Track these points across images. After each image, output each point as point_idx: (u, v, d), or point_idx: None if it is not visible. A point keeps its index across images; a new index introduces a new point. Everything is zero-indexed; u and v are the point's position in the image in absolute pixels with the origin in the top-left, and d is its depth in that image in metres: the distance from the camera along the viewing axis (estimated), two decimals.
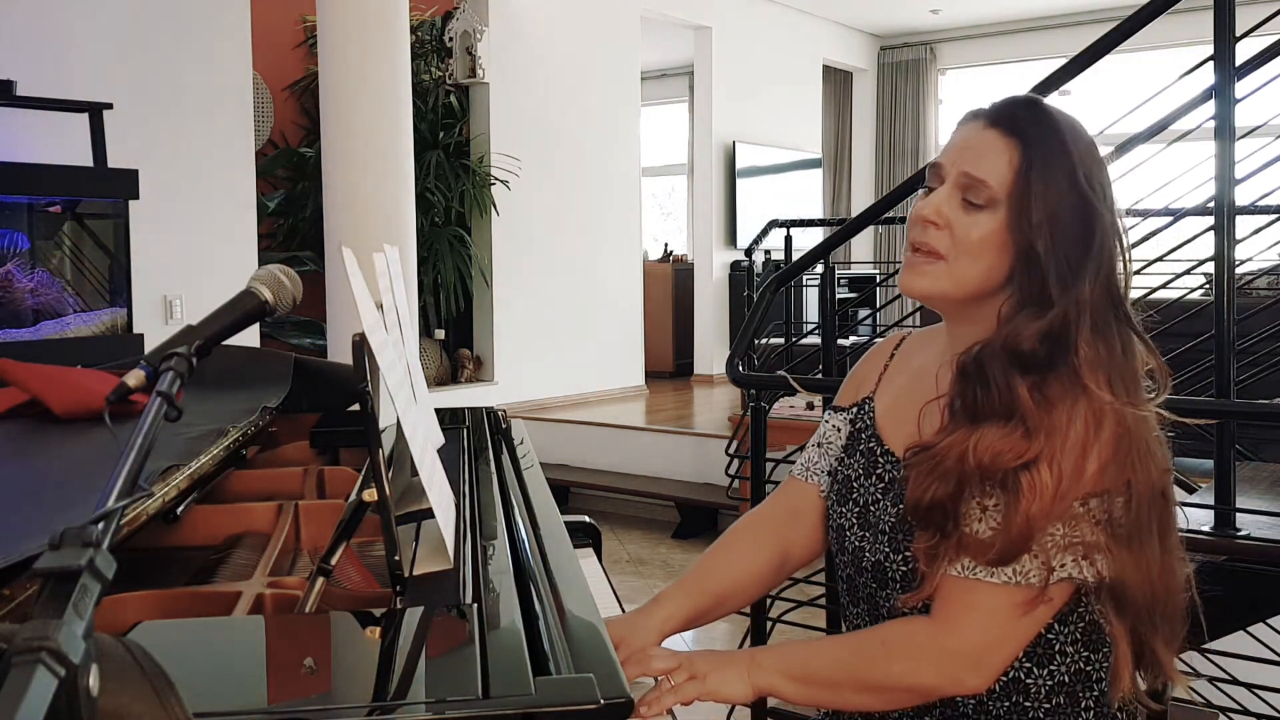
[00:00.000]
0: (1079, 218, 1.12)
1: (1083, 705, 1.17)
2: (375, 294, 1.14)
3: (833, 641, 1.25)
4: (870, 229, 9.41)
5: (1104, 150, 2.74)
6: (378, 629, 0.95)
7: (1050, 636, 1.16)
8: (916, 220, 1.17)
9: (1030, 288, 1.12)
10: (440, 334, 6.80)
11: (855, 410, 1.35)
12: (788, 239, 6.02)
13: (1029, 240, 1.11)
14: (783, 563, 1.38)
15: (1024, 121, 1.14)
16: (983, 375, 1.12)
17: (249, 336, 4.91)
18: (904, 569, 1.19)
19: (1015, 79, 9.23)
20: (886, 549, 1.21)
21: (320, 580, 1.02)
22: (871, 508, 1.25)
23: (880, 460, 1.27)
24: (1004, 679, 1.16)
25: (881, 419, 1.30)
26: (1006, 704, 1.16)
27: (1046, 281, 1.11)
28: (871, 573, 1.23)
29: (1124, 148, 2.55)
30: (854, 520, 1.27)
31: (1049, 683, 1.16)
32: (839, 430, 1.36)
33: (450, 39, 6.62)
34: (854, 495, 1.28)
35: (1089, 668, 1.17)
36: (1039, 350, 1.10)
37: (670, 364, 8.78)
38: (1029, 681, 1.16)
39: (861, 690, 1.15)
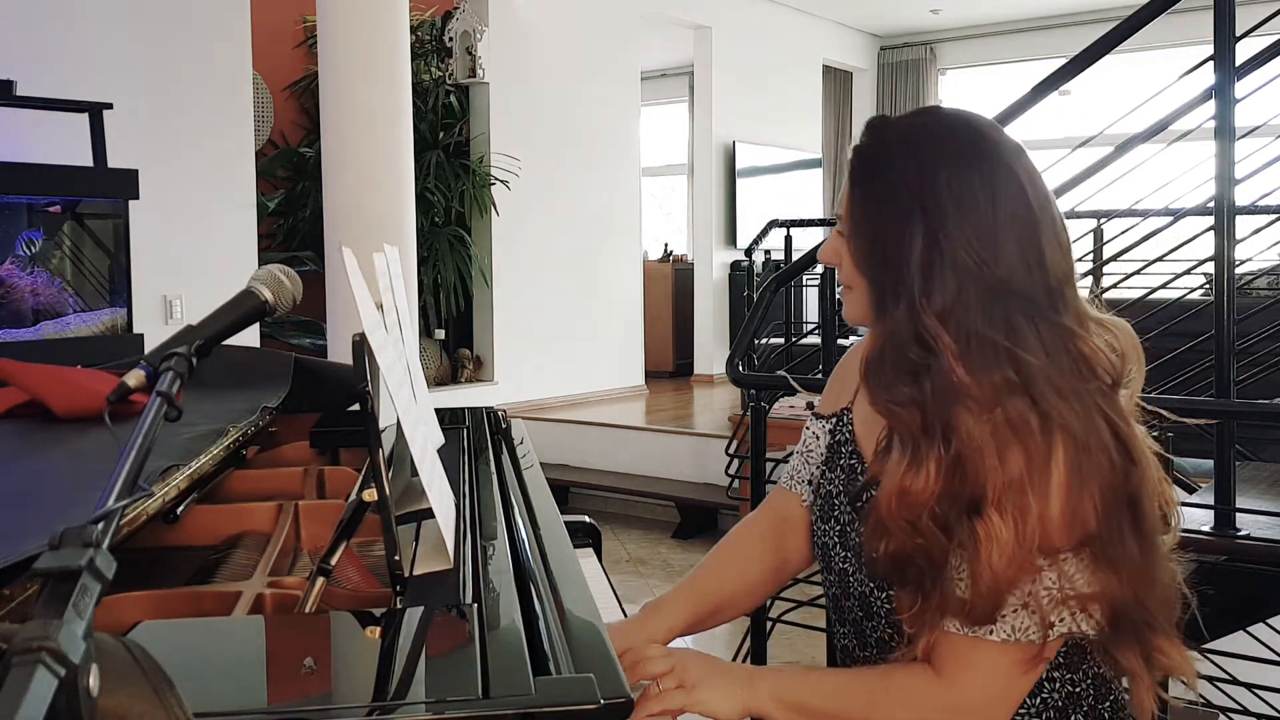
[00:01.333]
0: (899, 224, 1.08)
1: None
2: (375, 294, 1.14)
3: (835, 677, 1.19)
4: None
5: (1104, 150, 2.74)
6: (378, 629, 0.94)
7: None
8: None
9: (876, 310, 1.12)
10: (440, 334, 6.80)
11: (835, 421, 1.30)
12: (788, 239, 6.03)
13: (863, 260, 1.13)
14: (781, 569, 1.37)
15: (860, 144, 1.15)
16: (872, 395, 1.10)
17: (249, 336, 4.91)
18: (888, 606, 1.16)
19: (1015, 79, 9.23)
20: (870, 584, 1.18)
21: (320, 580, 1.02)
22: (849, 529, 1.22)
23: (859, 477, 1.22)
24: None
25: (860, 431, 1.25)
26: None
27: (883, 299, 1.11)
28: (857, 600, 1.20)
29: (1124, 148, 2.55)
30: (836, 540, 1.24)
31: (1035, 702, 1.14)
32: (818, 439, 1.33)
33: (450, 39, 6.62)
34: (835, 513, 1.24)
35: (1076, 689, 1.15)
36: (884, 374, 1.08)
37: (670, 364, 8.78)
38: (1020, 711, 1.13)
39: None
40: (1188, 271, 3.21)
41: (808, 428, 1.36)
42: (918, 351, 1.06)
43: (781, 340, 5.55)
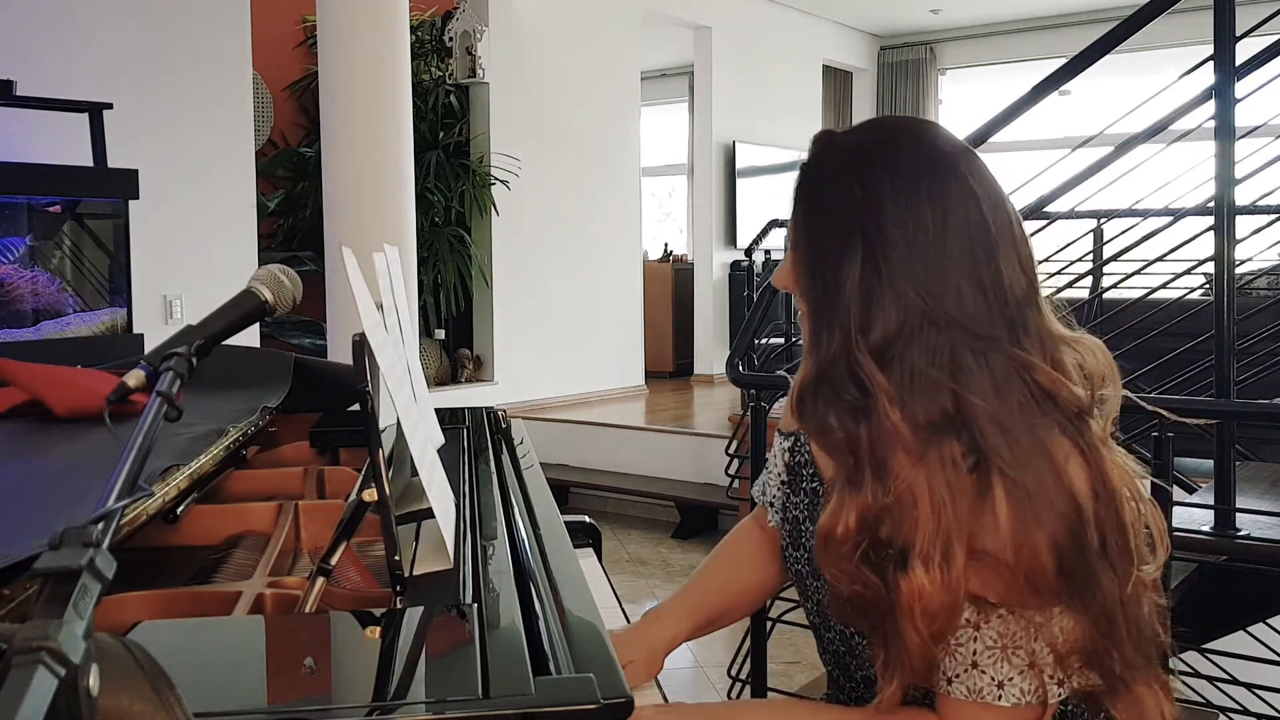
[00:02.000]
0: (836, 251, 1.01)
1: None
2: (375, 294, 1.14)
3: (835, 714, 1.14)
4: None
5: (1104, 150, 2.74)
6: (378, 629, 0.94)
7: None
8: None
9: (815, 341, 1.05)
10: (440, 334, 6.80)
11: (793, 440, 1.24)
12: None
13: (803, 285, 1.06)
14: (781, 573, 1.34)
15: (806, 162, 1.09)
16: (804, 422, 1.05)
17: (249, 336, 4.91)
18: (869, 650, 1.09)
19: (1015, 79, 9.22)
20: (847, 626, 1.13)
21: (320, 580, 1.02)
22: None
23: (822, 501, 1.13)
24: None
25: (819, 455, 1.17)
26: None
27: (817, 327, 1.04)
28: (837, 634, 1.16)
29: (1124, 148, 2.55)
30: (807, 568, 1.18)
31: None
32: (776, 457, 1.28)
33: (450, 39, 6.62)
34: (803, 539, 1.19)
35: (1065, 706, 1.09)
36: (810, 408, 1.02)
37: (670, 364, 8.78)
38: None
39: None
40: (1188, 271, 3.22)
41: (776, 443, 1.30)
42: (851, 389, 0.99)
43: (781, 340, 5.55)
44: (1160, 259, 3.04)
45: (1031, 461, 0.95)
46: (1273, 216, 3.14)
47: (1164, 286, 3.41)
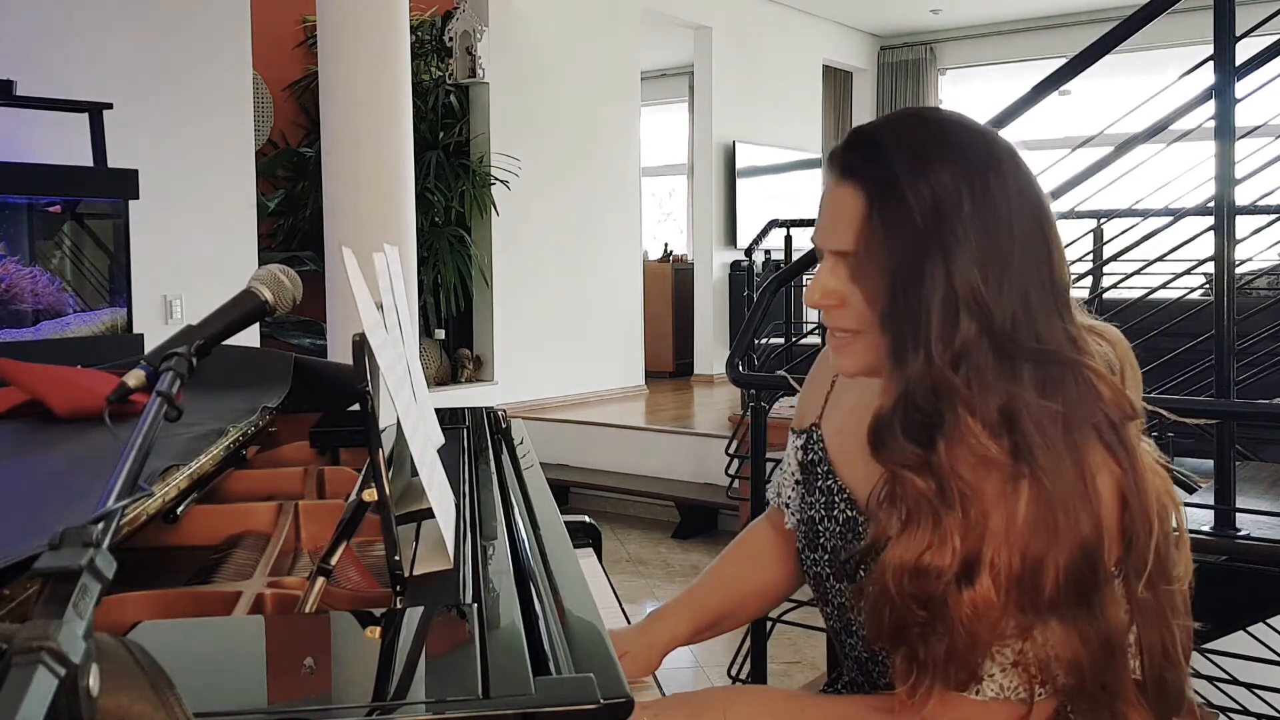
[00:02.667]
0: (917, 258, 0.96)
1: None
2: (375, 294, 1.14)
3: (818, 706, 1.12)
4: None
5: (1104, 150, 2.74)
6: (378, 629, 0.94)
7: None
8: (810, 306, 1.06)
9: (892, 352, 0.99)
10: (440, 334, 6.80)
11: (805, 438, 1.23)
12: (788, 239, 6.02)
13: (877, 302, 0.99)
14: (788, 579, 1.34)
15: (859, 161, 1.01)
16: (881, 457, 0.99)
17: (249, 336, 4.91)
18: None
19: (1015, 79, 9.22)
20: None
21: (320, 580, 1.02)
22: (840, 555, 1.15)
23: (837, 500, 1.16)
24: None
25: (833, 450, 1.18)
26: None
27: (900, 339, 0.98)
28: (859, 640, 1.14)
29: (1124, 148, 2.55)
30: (827, 570, 1.17)
31: None
32: (789, 456, 1.27)
33: (450, 39, 6.62)
34: (821, 540, 1.17)
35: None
36: (898, 427, 0.97)
37: (670, 364, 8.78)
38: None
39: None
40: (1188, 271, 3.22)
41: (790, 442, 1.28)
42: (933, 406, 0.96)
43: (781, 340, 5.55)
44: (1160, 259, 3.04)
45: (1063, 469, 0.94)
46: (1273, 216, 3.14)
47: (1164, 286, 3.41)
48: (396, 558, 1.00)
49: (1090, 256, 4.43)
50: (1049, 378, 0.96)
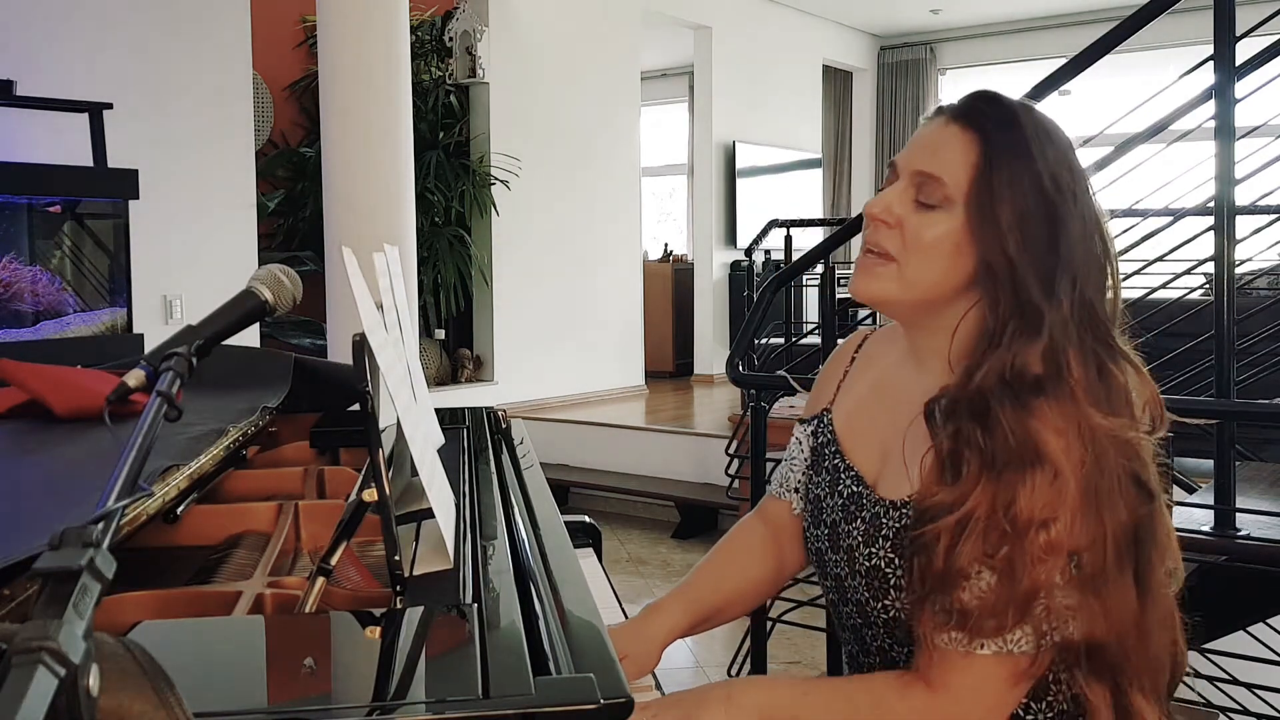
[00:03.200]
0: (1046, 223, 1.03)
1: None
2: (375, 294, 1.14)
3: (819, 689, 1.14)
4: None
5: (1104, 150, 2.74)
6: (378, 629, 0.94)
7: (1044, 672, 1.10)
8: (868, 218, 1.10)
9: (1004, 299, 1.04)
10: (440, 334, 6.80)
11: (815, 423, 1.28)
12: (788, 239, 6.02)
13: (997, 245, 1.03)
14: (779, 571, 1.37)
15: (986, 116, 1.06)
16: (977, 414, 1.02)
17: (249, 336, 4.91)
18: (885, 616, 1.13)
19: (1015, 79, 9.22)
20: (865, 592, 1.15)
21: (320, 580, 1.02)
22: (840, 531, 1.19)
23: (843, 477, 1.20)
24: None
25: (842, 432, 1.23)
26: None
27: (1023, 292, 1.03)
28: (854, 607, 1.18)
29: (1124, 148, 2.55)
30: (827, 544, 1.21)
31: (1048, 714, 1.11)
32: (801, 444, 1.31)
33: (450, 39, 6.62)
34: (824, 516, 1.22)
35: (1081, 694, 1.10)
36: (1027, 380, 1.01)
37: (670, 364, 8.78)
38: (1028, 717, 1.11)
39: None
40: (1188, 271, 3.22)
41: (794, 434, 1.33)
42: (1049, 358, 1.01)
43: (781, 340, 5.55)
44: (1160, 259, 3.04)
45: (1114, 452, 1.01)
46: (1273, 216, 3.14)
47: (1164, 286, 3.41)
48: (396, 558, 1.00)
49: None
50: (1106, 367, 1.04)
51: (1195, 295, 3.81)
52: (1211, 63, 2.34)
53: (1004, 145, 1.04)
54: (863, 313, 7.46)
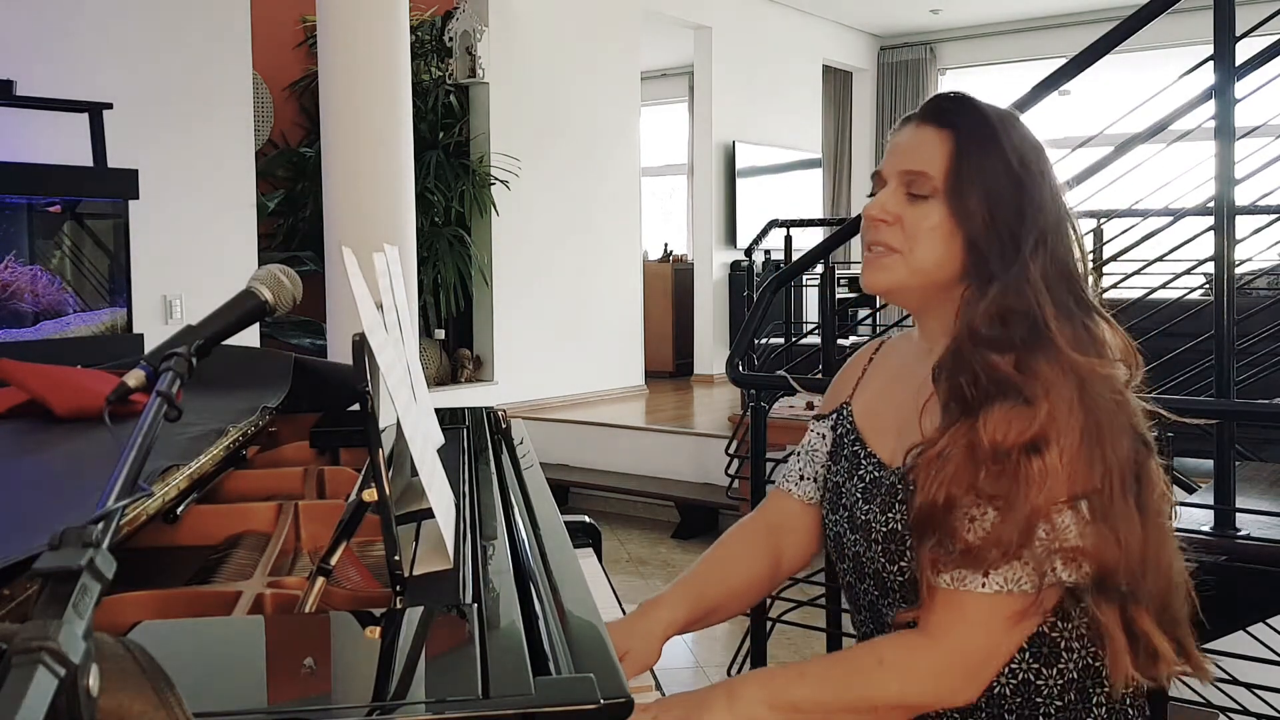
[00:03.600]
0: (1014, 196, 1.14)
1: (1094, 701, 1.17)
2: (375, 294, 1.14)
3: (817, 664, 1.19)
4: None
5: (1104, 150, 2.74)
6: (378, 629, 0.94)
7: (1055, 635, 1.15)
8: (867, 222, 1.20)
9: (979, 269, 1.15)
10: (440, 334, 6.80)
11: (835, 416, 1.36)
12: (788, 239, 6.02)
13: (975, 222, 1.14)
14: (776, 569, 1.40)
15: (953, 113, 1.19)
16: (960, 363, 1.13)
17: (249, 336, 4.91)
18: (901, 579, 1.18)
19: (1015, 79, 9.22)
20: (882, 559, 1.20)
21: (320, 580, 1.02)
22: (858, 511, 1.24)
23: (862, 462, 1.27)
24: (1014, 681, 1.15)
25: (860, 421, 1.31)
26: (1019, 699, 1.15)
27: (998, 259, 1.14)
28: (872, 579, 1.23)
29: (1124, 148, 2.55)
30: (846, 526, 1.26)
31: (1059, 681, 1.15)
32: (824, 438, 1.37)
33: (450, 39, 6.62)
34: (843, 500, 1.28)
35: (1097, 663, 1.16)
36: (998, 328, 1.11)
37: (670, 364, 8.78)
38: (1039, 683, 1.15)
39: (854, 712, 1.12)
40: (1188, 271, 3.21)
41: (811, 429, 1.39)
42: (1024, 307, 1.11)
43: (781, 340, 5.55)
44: (1160, 259, 3.04)
45: (1108, 392, 1.10)
46: (1273, 216, 3.13)
47: (1164, 286, 3.41)
48: (396, 558, 1.00)
49: (1090, 256, 4.42)
50: (1087, 323, 1.14)
51: (1195, 295, 3.81)
52: (1211, 63, 2.34)
53: (972, 133, 1.16)
54: (863, 313, 7.49)
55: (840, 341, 3.69)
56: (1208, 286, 3.20)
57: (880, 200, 1.19)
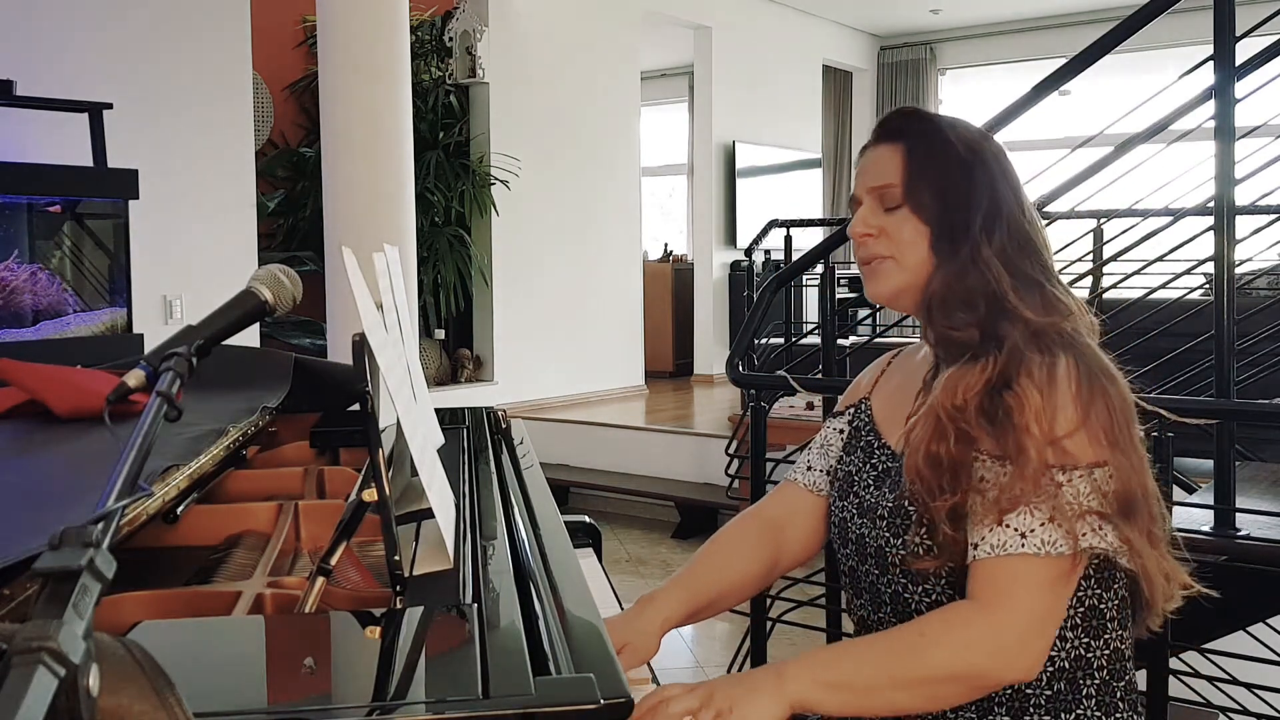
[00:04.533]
0: (961, 182, 1.23)
1: (1084, 693, 1.17)
2: (375, 294, 1.14)
3: (866, 640, 1.21)
4: None
5: (1104, 150, 2.75)
6: (378, 629, 0.94)
7: None
8: (855, 240, 1.28)
9: (940, 256, 1.23)
10: (440, 334, 6.80)
11: (853, 411, 1.41)
12: (788, 239, 6.02)
13: (928, 214, 1.23)
14: (775, 563, 1.41)
15: (902, 125, 1.28)
16: (934, 325, 1.23)
17: (249, 336, 4.91)
18: (903, 553, 1.21)
19: (1015, 79, 9.22)
20: (886, 534, 1.23)
21: (320, 580, 1.02)
22: (867, 495, 1.29)
23: (877, 452, 1.32)
24: None
25: (878, 415, 1.36)
26: (1008, 690, 1.16)
27: (957, 242, 1.22)
28: (874, 559, 1.25)
29: (1124, 148, 2.55)
30: (854, 511, 1.30)
31: (1048, 670, 1.16)
32: (841, 433, 1.41)
33: (450, 39, 6.62)
34: (854, 489, 1.32)
35: (1089, 654, 1.17)
36: (955, 306, 1.21)
37: (670, 364, 8.78)
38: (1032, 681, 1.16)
39: (902, 687, 1.10)
40: (1188, 271, 3.21)
41: (828, 426, 1.45)
42: (979, 282, 1.19)
43: (781, 340, 5.55)
44: (1160, 259, 3.04)
45: (1091, 352, 1.18)
46: (1273, 216, 3.13)
47: (1164, 286, 3.41)
48: (396, 558, 1.00)
49: (1090, 256, 4.42)
50: (1049, 294, 1.21)
51: (1195, 295, 3.81)
52: (1211, 63, 2.34)
53: (919, 137, 1.25)
54: (863, 313, 7.49)
55: (840, 341, 3.69)
56: (1208, 286, 3.20)
57: (860, 217, 1.27)
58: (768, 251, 7.33)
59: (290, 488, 1.47)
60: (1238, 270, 2.64)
